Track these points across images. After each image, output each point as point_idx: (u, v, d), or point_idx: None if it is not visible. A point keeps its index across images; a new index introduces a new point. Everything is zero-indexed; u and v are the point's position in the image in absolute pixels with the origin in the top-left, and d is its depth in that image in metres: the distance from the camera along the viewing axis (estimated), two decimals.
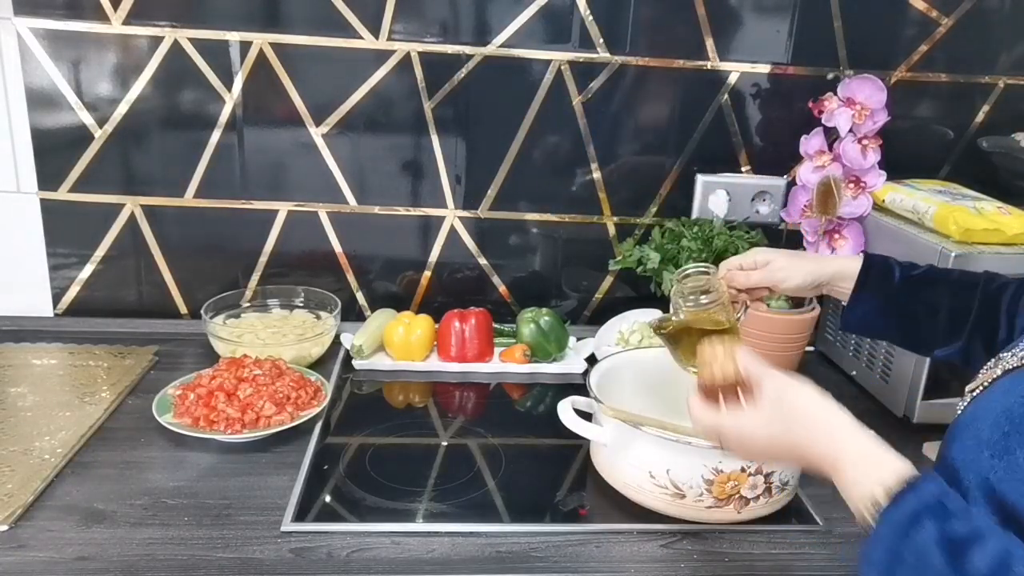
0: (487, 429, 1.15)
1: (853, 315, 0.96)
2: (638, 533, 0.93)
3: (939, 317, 0.91)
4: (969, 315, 0.89)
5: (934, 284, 0.93)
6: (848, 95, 1.33)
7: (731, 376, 0.74)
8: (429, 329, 1.33)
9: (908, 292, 0.93)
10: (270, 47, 1.32)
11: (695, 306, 0.93)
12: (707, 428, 0.75)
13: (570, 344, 1.37)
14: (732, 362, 0.75)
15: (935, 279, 0.94)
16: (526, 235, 1.46)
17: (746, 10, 1.37)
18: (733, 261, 1.01)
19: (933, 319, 0.91)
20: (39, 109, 1.31)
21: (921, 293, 0.93)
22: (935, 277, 0.94)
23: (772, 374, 0.72)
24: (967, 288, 0.91)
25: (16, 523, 0.87)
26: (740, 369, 0.74)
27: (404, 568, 0.85)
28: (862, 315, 0.95)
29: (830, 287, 0.99)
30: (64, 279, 1.40)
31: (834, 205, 1.29)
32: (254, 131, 1.36)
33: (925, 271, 0.95)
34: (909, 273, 0.94)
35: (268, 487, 0.97)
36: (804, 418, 0.68)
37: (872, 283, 0.94)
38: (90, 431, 1.05)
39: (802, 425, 0.67)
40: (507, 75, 1.36)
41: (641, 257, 1.38)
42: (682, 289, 0.99)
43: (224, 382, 1.08)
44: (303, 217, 1.41)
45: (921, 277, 0.94)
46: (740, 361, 0.74)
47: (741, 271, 1.00)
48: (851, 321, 0.97)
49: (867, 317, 0.95)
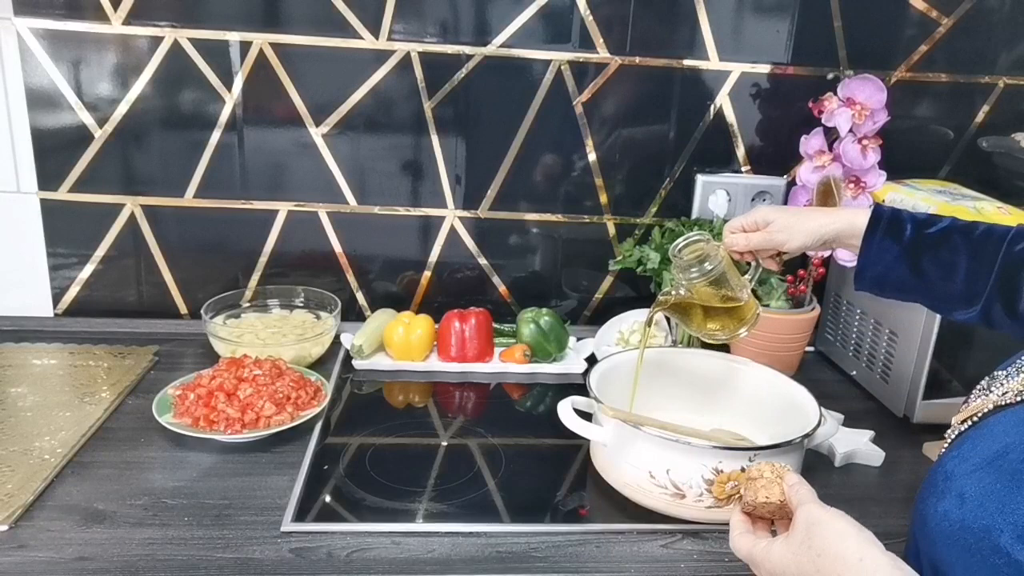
0: (487, 429, 1.15)
1: (862, 273, 0.90)
2: (638, 533, 0.93)
3: (955, 277, 0.85)
4: (989, 277, 0.83)
5: (949, 240, 0.86)
6: (848, 95, 1.33)
7: (775, 500, 0.68)
8: (429, 329, 1.33)
9: (921, 249, 0.86)
10: (270, 47, 1.32)
11: (699, 275, 0.92)
12: (742, 554, 0.69)
13: (570, 344, 1.37)
14: (777, 485, 0.68)
15: (951, 234, 0.86)
16: (526, 235, 1.46)
17: (746, 10, 1.37)
18: (734, 222, 0.98)
19: (949, 279, 0.85)
20: (39, 109, 1.31)
21: (936, 250, 0.86)
22: (952, 232, 0.86)
23: (808, 503, 0.64)
24: (988, 246, 0.84)
25: (16, 523, 0.87)
26: (785, 493, 0.67)
27: (404, 568, 0.85)
28: (872, 272, 0.89)
29: (837, 243, 0.94)
30: (64, 279, 1.40)
31: (834, 205, 1.28)
32: (254, 131, 1.36)
33: (943, 227, 0.87)
34: (924, 229, 0.87)
35: (268, 487, 0.97)
36: (834, 559, 0.59)
37: (880, 238, 0.88)
38: (90, 431, 1.05)
39: (831, 565, 0.59)
40: (507, 75, 1.36)
41: (641, 257, 1.38)
42: (680, 262, 0.98)
43: (224, 382, 1.08)
44: (303, 217, 1.41)
45: (937, 234, 0.86)
46: (786, 484, 0.68)
47: (742, 233, 0.96)
48: (862, 278, 0.90)
49: (878, 274, 0.89)
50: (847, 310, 1.38)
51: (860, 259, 0.91)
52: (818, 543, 0.60)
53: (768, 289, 1.37)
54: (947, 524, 0.57)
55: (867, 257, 0.90)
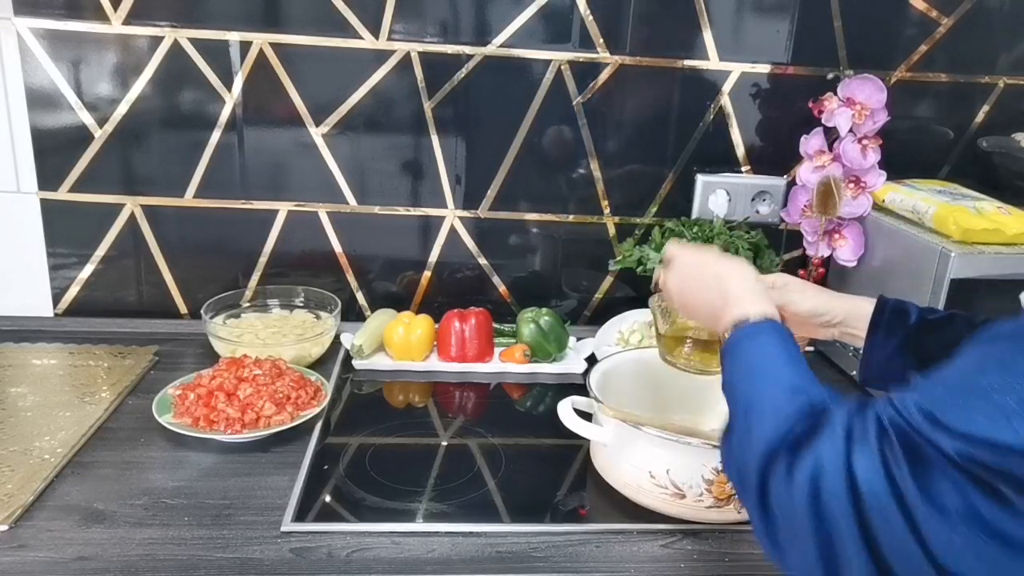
0: (487, 429, 1.15)
1: (870, 362, 0.89)
2: (638, 533, 0.93)
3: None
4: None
5: (953, 324, 0.86)
6: (848, 95, 1.33)
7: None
8: (429, 329, 1.33)
9: (926, 332, 0.86)
10: (270, 47, 1.32)
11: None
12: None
13: (570, 344, 1.37)
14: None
15: (954, 320, 0.87)
16: (526, 235, 1.46)
17: (746, 10, 1.37)
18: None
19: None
20: (39, 109, 1.31)
21: (939, 333, 0.86)
22: (955, 318, 0.87)
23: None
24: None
25: (16, 523, 0.87)
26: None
27: (404, 568, 0.85)
28: (879, 360, 0.88)
29: (843, 327, 0.93)
30: (64, 279, 1.40)
31: (834, 205, 1.29)
32: (254, 131, 1.36)
33: (946, 313, 0.88)
34: (927, 316, 0.87)
35: (268, 487, 0.97)
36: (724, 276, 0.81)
37: (887, 323, 0.88)
38: (90, 431, 1.05)
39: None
40: (507, 75, 1.36)
41: (641, 257, 1.38)
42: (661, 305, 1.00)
43: (224, 382, 1.08)
44: (303, 217, 1.41)
45: (941, 318, 0.87)
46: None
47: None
48: (870, 370, 0.89)
49: (884, 362, 0.88)
50: None
51: (866, 345, 0.90)
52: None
53: None
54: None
55: (872, 344, 0.89)
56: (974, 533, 0.48)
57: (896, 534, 0.50)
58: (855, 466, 0.53)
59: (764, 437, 0.61)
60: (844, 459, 0.54)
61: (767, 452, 0.60)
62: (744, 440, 0.64)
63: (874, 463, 0.52)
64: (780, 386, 0.65)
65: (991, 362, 0.49)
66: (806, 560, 0.56)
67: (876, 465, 0.52)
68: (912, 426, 0.51)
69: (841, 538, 0.53)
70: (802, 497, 0.55)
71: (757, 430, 0.63)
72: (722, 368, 0.74)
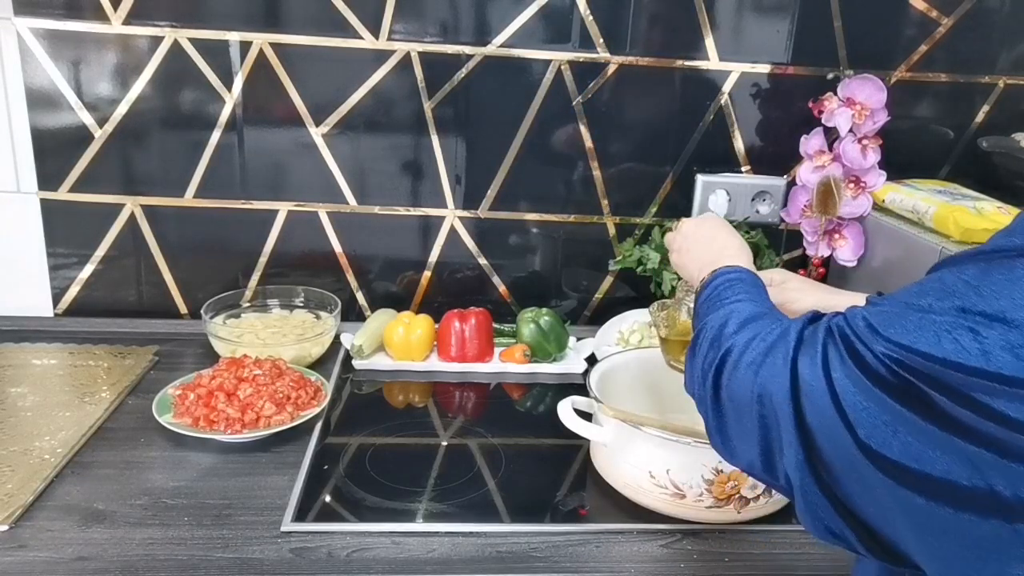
0: (487, 429, 1.15)
1: None
2: (638, 533, 0.93)
3: None
4: None
5: None
6: (848, 95, 1.33)
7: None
8: (429, 329, 1.33)
9: None
10: (270, 47, 1.32)
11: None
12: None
13: (570, 344, 1.37)
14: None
15: None
16: (526, 235, 1.46)
17: (746, 10, 1.37)
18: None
19: None
20: (39, 109, 1.31)
21: None
22: None
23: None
24: None
25: (16, 523, 0.87)
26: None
27: (404, 568, 0.85)
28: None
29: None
30: (64, 279, 1.40)
31: (834, 205, 1.29)
32: (254, 131, 1.36)
33: None
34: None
35: (268, 487, 0.97)
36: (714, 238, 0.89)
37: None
38: (90, 431, 1.05)
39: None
40: (507, 75, 1.36)
41: (641, 257, 1.38)
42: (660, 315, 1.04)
43: (224, 382, 1.08)
44: (303, 217, 1.41)
45: None
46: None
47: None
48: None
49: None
50: None
51: None
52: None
53: None
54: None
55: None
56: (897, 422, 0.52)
57: (826, 419, 0.55)
58: (799, 360, 0.59)
59: (724, 340, 0.68)
60: (792, 354, 0.60)
61: (728, 350, 0.67)
62: (705, 348, 0.70)
63: (815, 359, 0.57)
64: (745, 306, 0.73)
65: (933, 284, 0.53)
66: (749, 448, 0.63)
67: (816, 360, 0.57)
68: (855, 333, 0.55)
69: (778, 424, 0.59)
70: (750, 384, 0.62)
71: (719, 337, 0.69)
72: (695, 302, 0.81)
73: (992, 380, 0.46)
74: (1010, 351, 0.46)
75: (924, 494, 0.50)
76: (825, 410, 0.55)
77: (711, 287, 0.79)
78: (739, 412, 0.64)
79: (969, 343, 0.48)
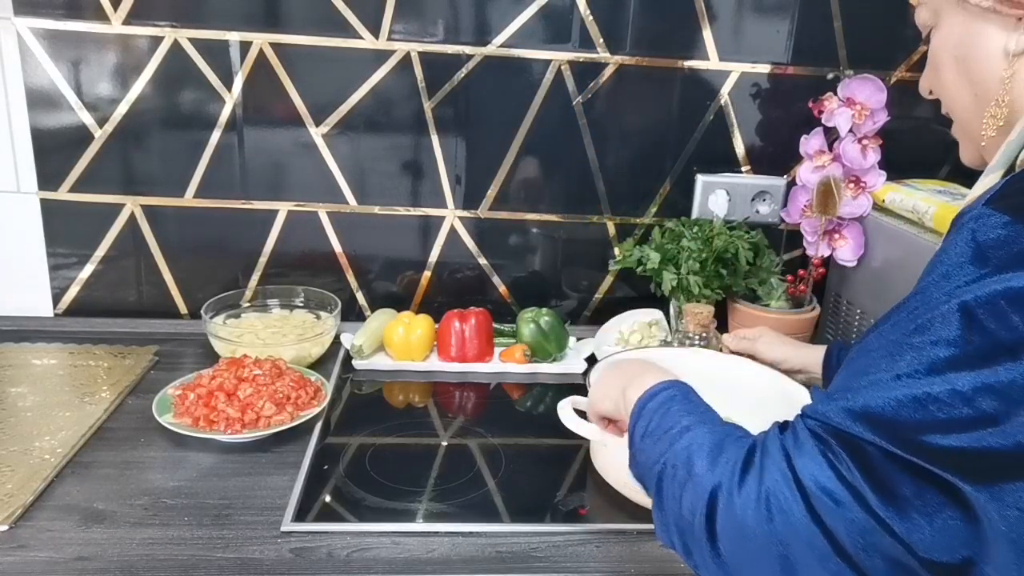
0: (487, 429, 1.15)
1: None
2: (638, 533, 0.93)
3: None
4: None
5: None
6: (848, 95, 1.33)
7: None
8: (429, 329, 1.33)
9: None
10: (270, 47, 1.32)
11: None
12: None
13: (570, 344, 1.37)
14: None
15: None
16: (526, 235, 1.46)
17: (746, 10, 1.37)
18: (739, 331, 1.20)
19: None
20: (39, 109, 1.31)
21: None
22: None
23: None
24: None
25: (16, 523, 0.87)
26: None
27: (404, 568, 0.85)
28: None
29: (805, 374, 1.09)
30: (64, 279, 1.40)
31: (834, 205, 1.29)
32: (254, 131, 1.36)
33: None
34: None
35: (268, 487, 0.97)
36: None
37: (835, 366, 0.99)
38: (90, 431, 1.05)
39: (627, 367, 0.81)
40: (507, 75, 1.36)
41: (641, 257, 1.38)
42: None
43: (224, 382, 1.08)
44: (303, 217, 1.41)
45: None
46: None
47: (740, 337, 1.17)
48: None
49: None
50: (847, 310, 1.38)
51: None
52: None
53: (768, 289, 1.37)
54: None
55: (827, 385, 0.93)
56: (934, 511, 0.50)
57: (864, 532, 0.51)
58: (800, 473, 0.54)
59: (702, 480, 0.59)
60: (788, 471, 0.54)
61: (711, 490, 0.58)
62: (679, 493, 0.61)
63: (819, 465, 0.53)
64: (701, 433, 0.63)
65: (879, 353, 0.54)
66: None
67: (821, 467, 0.53)
68: (834, 423, 0.54)
69: (801, 549, 0.53)
70: (755, 519, 0.55)
71: (692, 478, 0.60)
72: (630, 444, 0.70)
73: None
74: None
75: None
76: (858, 522, 0.52)
77: (645, 415, 0.70)
78: (744, 549, 0.56)
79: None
